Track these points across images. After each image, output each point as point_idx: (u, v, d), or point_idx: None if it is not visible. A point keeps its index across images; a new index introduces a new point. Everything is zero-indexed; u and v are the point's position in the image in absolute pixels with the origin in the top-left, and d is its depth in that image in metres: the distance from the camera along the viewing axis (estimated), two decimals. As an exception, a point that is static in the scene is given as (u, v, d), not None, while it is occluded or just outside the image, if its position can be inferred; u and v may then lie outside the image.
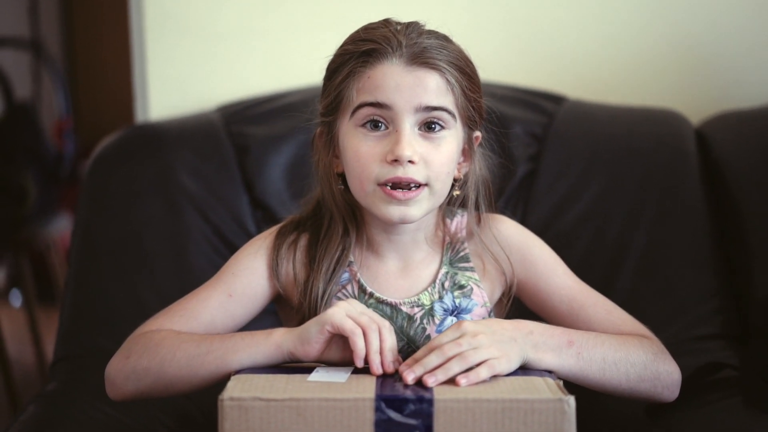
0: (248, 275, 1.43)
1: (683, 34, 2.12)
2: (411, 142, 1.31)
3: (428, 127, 1.34)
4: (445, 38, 1.37)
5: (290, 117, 1.91)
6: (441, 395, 1.14)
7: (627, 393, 1.37)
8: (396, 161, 1.31)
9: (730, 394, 1.53)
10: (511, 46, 2.14)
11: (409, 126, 1.32)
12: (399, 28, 1.36)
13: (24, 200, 3.41)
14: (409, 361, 1.25)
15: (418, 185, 1.33)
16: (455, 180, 1.41)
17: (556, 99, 2.01)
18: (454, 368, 1.21)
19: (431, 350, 1.24)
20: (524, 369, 1.27)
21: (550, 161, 1.89)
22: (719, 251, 1.80)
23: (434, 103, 1.32)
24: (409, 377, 1.20)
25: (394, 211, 1.34)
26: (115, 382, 1.35)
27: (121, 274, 1.78)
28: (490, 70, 2.04)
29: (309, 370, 1.25)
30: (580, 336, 1.34)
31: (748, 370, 1.57)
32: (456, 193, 1.43)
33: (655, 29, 2.13)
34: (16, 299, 4.82)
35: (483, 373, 1.21)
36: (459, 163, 1.41)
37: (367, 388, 1.17)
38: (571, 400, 1.14)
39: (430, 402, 1.13)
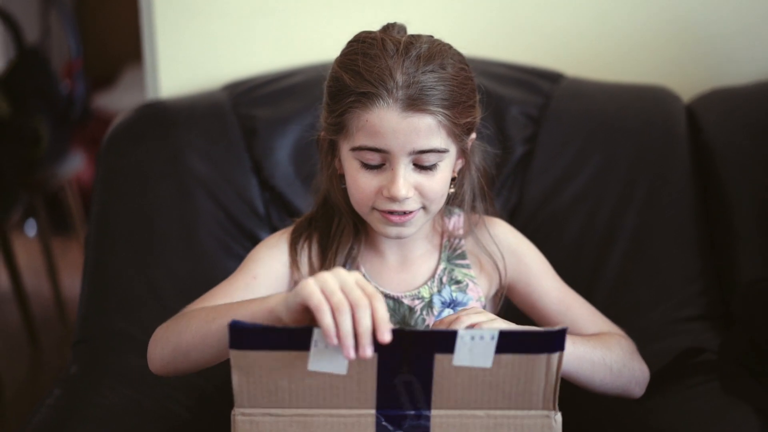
0: (270, 261, 1.50)
1: (677, 11, 2.16)
2: (406, 180, 1.38)
3: (422, 162, 1.40)
4: (442, 65, 1.38)
5: (296, 99, 1.98)
6: (437, 411, 1.23)
7: (609, 386, 1.47)
8: (391, 198, 1.39)
9: (708, 379, 1.61)
10: (505, 21, 2.19)
11: (403, 166, 1.38)
12: (395, 57, 1.36)
13: (37, 144, 3.49)
14: None
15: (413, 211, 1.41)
16: (451, 179, 1.47)
17: (552, 77, 2.06)
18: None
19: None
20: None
21: (545, 143, 1.95)
22: (706, 233, 1.87)
23: (426, 146, 1.37)
24: None
25: (390, 231, 1.44)
26: (150, 358, 1.41)
27: (136, 257, 1.84)
28: (485, 47, 2.11)
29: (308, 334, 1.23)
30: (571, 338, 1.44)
31: (727, 356, 1.64)
32: (451, 190, 1.49)
33: (649, 5, 2.17)
34: (30, 229, 4.91)
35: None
36: (454, 162, 1.47)
37: (368, 397, 1.23)
38: (558, 416, 1.23)
39: (427, 418, 1.22)
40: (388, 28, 1.44)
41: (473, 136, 1.48)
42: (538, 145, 1.95)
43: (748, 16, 2.15)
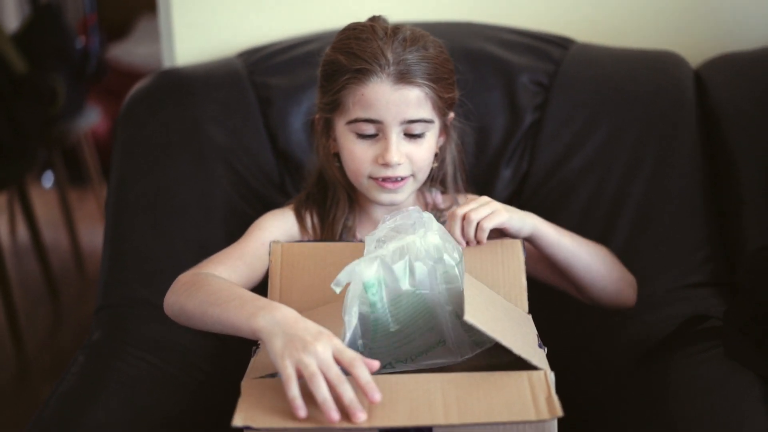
0: (275, 231, 1.67)
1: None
2: (398, 148, 1.58)
3: (411, 131, 1.59)
4: (425, 46, 1.57)
5: (310, 67, 2.01)
6: (438, 422, 1.22)
7: (606, 280, 1.64)
8: (386, 164, 1.57)
9: (712, 346, 1.64)
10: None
11: (395, 135, 1.58)
12: (385, 39, 1.56)
13: (54, 101, 3.52)
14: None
15: (404, 177, 1.59)
16: (434, 155, 1.66)
17: (562, 43, 2.08)
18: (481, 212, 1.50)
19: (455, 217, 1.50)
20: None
21: (555, 110, 1.98)
22: (713, 200, 1.89)
23: (415, 116, 1.58)
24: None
25: (384, 198, 1.63)
26: (165, 303, 1.53)
27: (155, 225, 1.88)
28: (492, 13, 2.13)
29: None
30: (567, 230, 1.63)
31: (731, 323, 1.68)
32: (434, 165, 1.68)
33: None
34: (47, 180, 4.97)
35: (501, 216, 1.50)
36: (438, 136, 1.66)
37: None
38: (554, 423, 1.25)
39: (429, 429, 1.23)
40: (374, 19, 1.62)
41: (452, 115, 1.67)
42: (548, 112, 1.98)
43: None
